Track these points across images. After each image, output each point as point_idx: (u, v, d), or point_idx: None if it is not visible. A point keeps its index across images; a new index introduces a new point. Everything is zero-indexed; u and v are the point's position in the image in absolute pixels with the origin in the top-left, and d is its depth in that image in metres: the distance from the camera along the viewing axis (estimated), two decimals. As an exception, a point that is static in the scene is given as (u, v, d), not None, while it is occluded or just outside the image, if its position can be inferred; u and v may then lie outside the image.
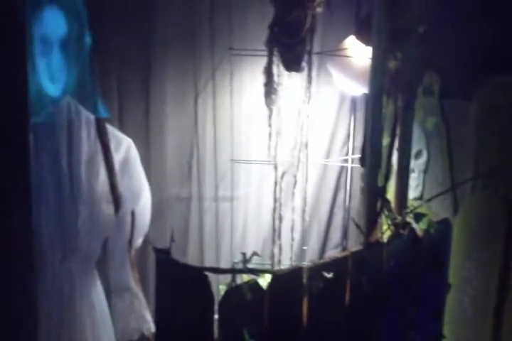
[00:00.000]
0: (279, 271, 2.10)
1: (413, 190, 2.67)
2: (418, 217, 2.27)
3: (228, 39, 3.06)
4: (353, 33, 2.92)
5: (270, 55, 2.69)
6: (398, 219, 2.21)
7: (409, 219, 2.26)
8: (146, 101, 3.29)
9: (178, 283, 2.07)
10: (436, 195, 2.42)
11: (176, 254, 2.09)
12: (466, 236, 2.42)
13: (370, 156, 2.24)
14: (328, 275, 2.03)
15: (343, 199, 3.65)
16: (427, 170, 2.67)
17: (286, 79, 2.79)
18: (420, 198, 2.68)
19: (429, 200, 2.45)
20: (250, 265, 2.06)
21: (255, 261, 2.14)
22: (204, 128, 3.36)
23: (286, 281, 2.02)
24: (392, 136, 2.36)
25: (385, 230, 2.23)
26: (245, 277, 2.22)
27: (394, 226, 2.19)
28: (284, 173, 2.93)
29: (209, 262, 3.31)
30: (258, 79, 2.78)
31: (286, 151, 2.93)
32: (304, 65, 2.74)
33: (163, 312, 2.15)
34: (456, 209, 2.50)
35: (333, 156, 3.56)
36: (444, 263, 2.29)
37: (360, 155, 2.38)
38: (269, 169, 3.00)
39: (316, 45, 2.81)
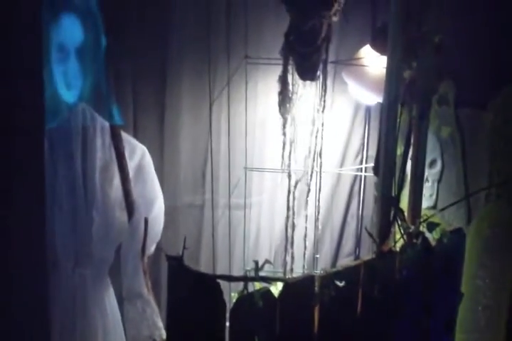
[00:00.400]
0: (290, 279, 2.10)
1: (427, 200, 2.66)
2: (431, 226, 2.26)
3: (244, 47, 3.06)
4: (368, 42, 2.92)
5: (285, 64, 2.69)
6: (411, 228, 2.20)
7: (423, 228, 2.25)
8: (161, 109, 3.30)
9: (190, 291, 2.06)
10: (450, 205, 2.41)
11: (189, 262, 2.08)
12: (480, 245, 2.41)
13: (384, 165, 2.24)
14: (340, 283, 2.03)
15: (356, 208, 3.65)
16: (441, 180, 2.66)
17: (301, 88, 2.79)
18: (434, 207, 2.67)
19: (442, 210, 2.44)
20: (262, 273, 2.06)
21: (267, 269, 2.15)
22: (218, 136, 3.37)
23: (297, 289, 2.01)
24: (407, 145, 2.35)
25: (398, 239, 2.22)
26: (257, 285, 2.22)
27: (407, 235, 2.18)
28: (297, 182, 2.92)
29: (221, 270, 3.31)
30: (273, 88, 2.78)
31: (299, 160, 2.93)
32: (319, 73, 2.74)
33: (175, 320, 2.15)
34: (469, 219, 2.49)
35: (346, 165, 3.56)
36: (457, 272, 2.28)
37: (373, 164, 2.37)
38: (283, 177, 3.00)
39: (331, 54, 2.81)
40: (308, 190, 2.95)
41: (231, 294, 2.49)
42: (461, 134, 2.57)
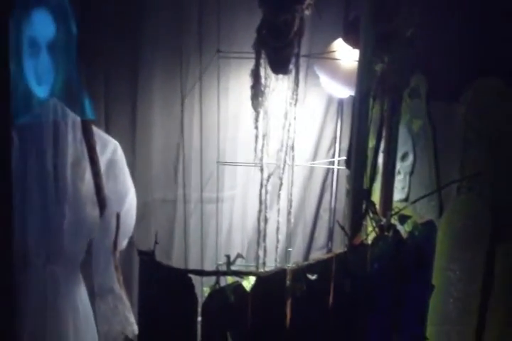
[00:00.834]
0: (263, 273, 2.09)
1: (399, 192, 2.67)
2: (403, 219, 2.27)
3: (216, 43, 3.05)
4: (340, 36, 2.92)
5: (258, 58, 2.69)
6: (383, 221, 2.21)
7: (394, 221, 2.26)
8: (133, 104, 3.28)
9: (161, 286, 2.06)
10: (422, 197, 2.42)
11: (161, 256, 2.07)
12: (451, 237, 2.42)
13: (356, 158, 2.24)
14: (312, 277, 2.03)
15: (328, 201, 3.66)
16: (412, 172, 2.67)
17: (273, 81, 2.79)
18: (406, 200, 2.68)
19: (414, 202, 2.45)
20: (235, 267, 2.05)
21: (240, 263, 2.14)
22: (190, 131, 3.35)
23: (270, 283, 2.01)
24: (378, 138, 2.36)
25: (370, 232, 2.23)
26: (230, 279, 2.22)
27: (378, 228, 2.19)
28: (270, 175, 2.93)
29: (193, 264, 3.30)
30: (245, 82, 2.78)
31: (272, 153, 2.93)
32: (292, 67, 2.74)
33: (147, 315, 2.14)
34: (441, 211, 2.50)
35: (319, 158, 3.56)
36: (428, 264, 2.29)
37: (346, 158, 2.38)
38: (255, 171, 3.00)
39: (303, 48, 2.81)
40: (281, 184, 2.95)
41: (203, 288, 2.49)
42: (433, 127, 2.58)
